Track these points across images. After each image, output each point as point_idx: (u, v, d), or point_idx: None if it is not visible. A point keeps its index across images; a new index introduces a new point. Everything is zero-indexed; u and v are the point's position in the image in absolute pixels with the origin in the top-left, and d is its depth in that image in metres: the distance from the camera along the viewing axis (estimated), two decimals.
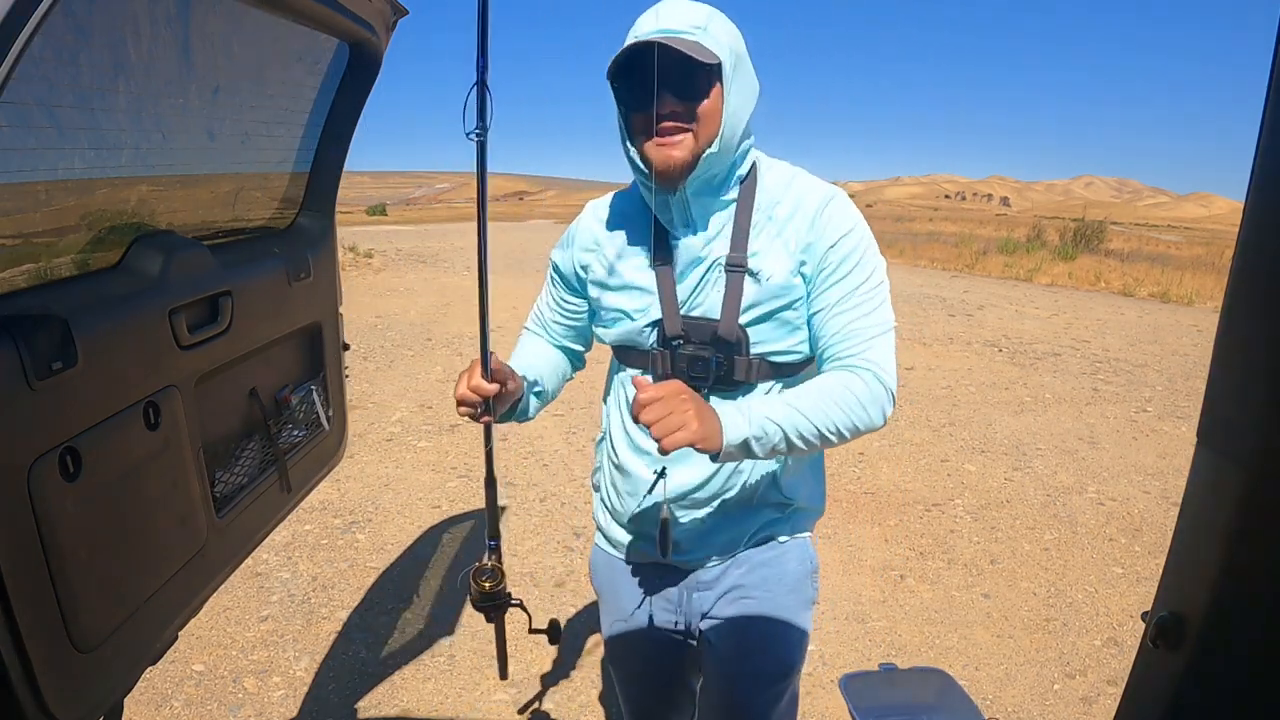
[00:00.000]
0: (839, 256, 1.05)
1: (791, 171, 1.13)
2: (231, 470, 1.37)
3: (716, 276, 1.07)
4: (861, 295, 1.06)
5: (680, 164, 1.00)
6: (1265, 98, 0.46)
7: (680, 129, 0.99)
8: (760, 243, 1.07)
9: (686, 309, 1.09)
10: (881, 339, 1.06)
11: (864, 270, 1.07)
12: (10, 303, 0.90)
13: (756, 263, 1.06)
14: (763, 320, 1.07)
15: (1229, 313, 0.50)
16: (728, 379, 1.08)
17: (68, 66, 0.93)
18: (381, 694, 2.21)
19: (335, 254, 1.70)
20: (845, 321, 1.06)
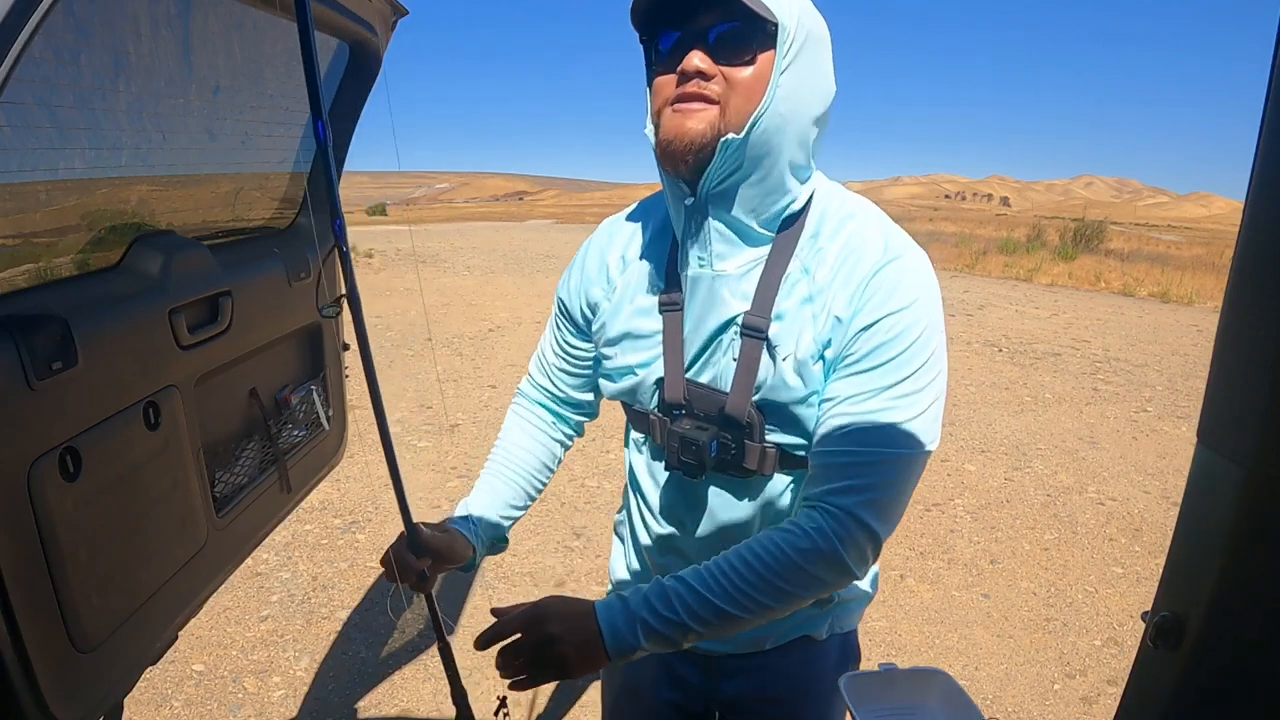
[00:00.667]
0: (875, 340, 0.78)
1: (853, 206, 0.85)
2: (231, 470, 1.37)
3: (732, 339, 0.83)
4: (887, 400, 0.77)
5: (692, 138, 0.75)
6: (1265, 98, 0.46)
7: (704, 95, 0.75)
8: (789, 305, 0.81)
9: (695, 373, 0.86)
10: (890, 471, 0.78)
11: (905, 366, 0.77)
12: (10, 303, 0.90)
13: (777, 332, 0.81)
14: (779, 409, 0.83)
15: (1229, 312, 0.50)
16: (736, 465, 0.85)
17: (68, 66, 0.93)
18: (381, 694, 2.21)
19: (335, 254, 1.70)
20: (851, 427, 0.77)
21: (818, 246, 0.82)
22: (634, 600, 0.77)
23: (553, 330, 1.03)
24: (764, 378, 0.82)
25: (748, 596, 0.76)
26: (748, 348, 0.82)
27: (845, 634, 1.02)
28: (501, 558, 3.00)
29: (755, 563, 0.77)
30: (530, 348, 5.06)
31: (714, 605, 0.76)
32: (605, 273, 0.94)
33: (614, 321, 0.91)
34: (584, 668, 0.77)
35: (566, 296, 0.99)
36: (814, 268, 0.81)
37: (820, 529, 0.77)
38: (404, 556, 0.93)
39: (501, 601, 2.68)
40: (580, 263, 0.97)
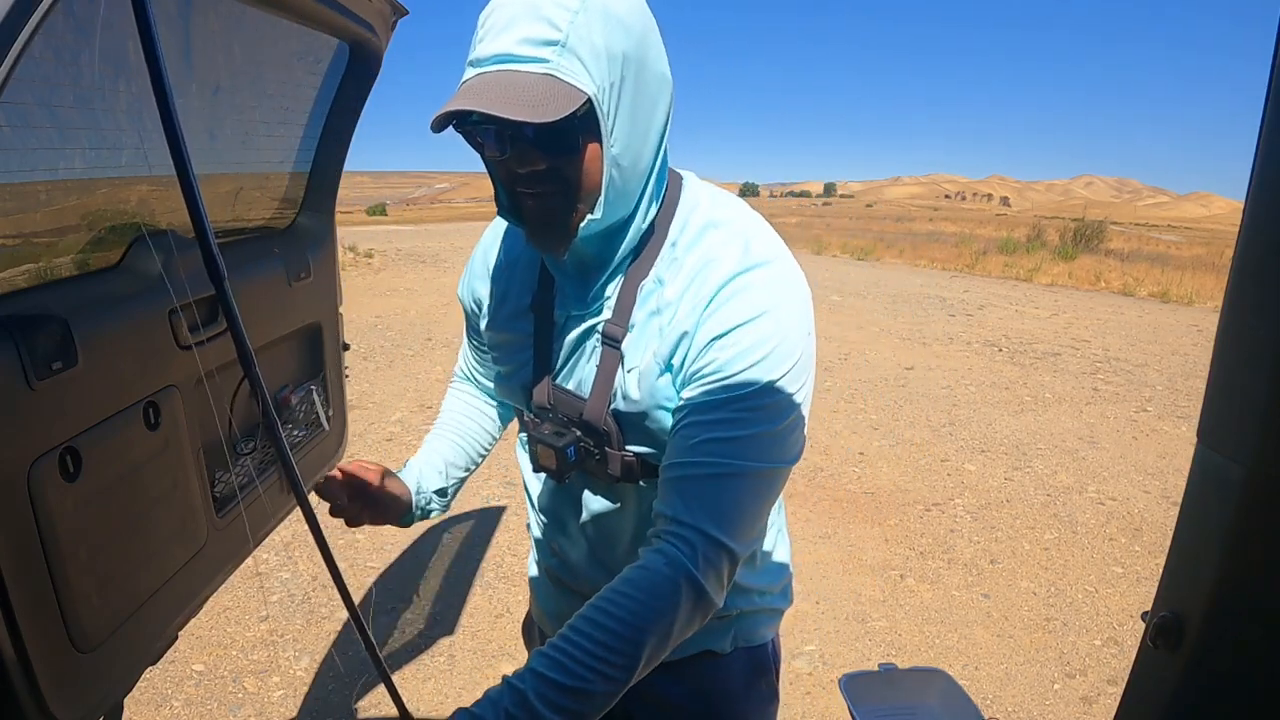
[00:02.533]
0: (726, 354, 0.73)
1: (717, 214, 0.80)
2: (231, 470, 1.37)
3: (594, 347, 0.82)
4: (736, 411, 0.72)
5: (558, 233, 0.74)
6: (1265, 97, 0.46)
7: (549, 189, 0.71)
8: (640, 315, 0.79)
9: (561, 378, 0.85)
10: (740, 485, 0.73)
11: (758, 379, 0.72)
12: (10, 303, 0.90)
13: (629, 343, 0.79)
14: (631, 418, 0.80)
15: (1229, 312, 0.50)
16: (601, 471, 0.83)
17: (68, 66, 0.93)
18: (381, 694, 2.21)
19: (335, 254, 1.70)
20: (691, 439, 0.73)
21: (674, 256, 0.79)
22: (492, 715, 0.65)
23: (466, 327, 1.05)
24: (621, 388, 0.80)
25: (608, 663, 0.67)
26: (607, 356, 0.81)
27: (752, 648, 0.96)
28: (501, 557, 3.00)
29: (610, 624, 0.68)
30: None
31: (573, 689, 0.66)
32: (488, 272, 0.94)
33: (493, 321, 0.92)
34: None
35: (463, 295, 0.99)
36: (668, 279, 0.79)
37: (671, 559, 0.71)
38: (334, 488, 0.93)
39: (501, 601, 2.68)
40: (470, 264, 0.98)
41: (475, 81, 0.67)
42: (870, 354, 6.60)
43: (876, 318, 8.39)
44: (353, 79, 1.53)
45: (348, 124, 1.59)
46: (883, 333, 7.55)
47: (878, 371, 6.00)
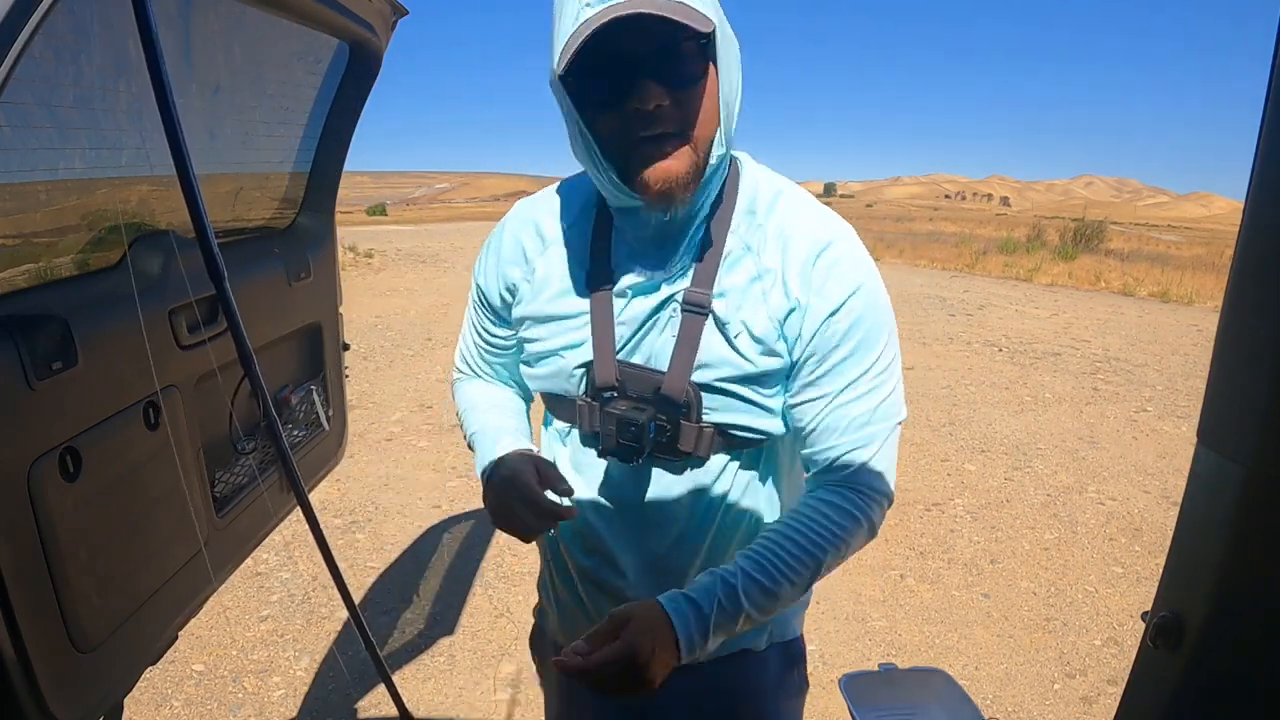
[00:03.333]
0: (842, 328, 0.79)
1: (779, 182, 0.85)
2: (231, 470, 1.37)
3: (670, 317, 0.82)
4: (869, 382, 0.81)
5: (683, 178, 0.74)
6: (1265, 97, 0.46)
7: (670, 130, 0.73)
8: (732, 280, 0.80)
9: (627, 353, 0.84)
10: (887, 443, 0.82)
11: (873, 347, 0.81)
12: (10, 303, 0.90)
13: (723, 308, 0.80)
14: (721, 386, 0.81)
15: (1229, 312, 0.50)
16: (670, 447, 0.83)
17: (68, 66, 0.93)
18: (381, 694, 2.21)
19: (335, 254, 1.70)
20: (843, 419, 0.81)
21: (756, 224, 0.82)
22: (704, 602, 0.75)
23: (472, 320, 1.00)
24: (708, 355, 0.81)
25: (798, 575, 0.78)
26: (688, 324, 0.80)
27: (786, 642, 0.99)
28: (501, 557, 3.00)
29: (804, 541, 0.79)
30: None
31: (771, 591, 0.77)
32: (523, 254, 0.90)
33: (536, 303, 0.88)
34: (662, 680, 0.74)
35: (484, 283, 0.94)
36: (757, 246, 0.81)
37: (852, 502, 0.81)
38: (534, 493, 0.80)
39: (501, 601, 2.68)
40: (495, 246, 0.93)
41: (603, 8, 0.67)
42: None
43: None
44: (353, 79, 1.53)
45: (348, 124, 1.59)
46: None
47: None
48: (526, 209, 0.93)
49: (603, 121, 0.74)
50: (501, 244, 0.92)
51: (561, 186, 0.93)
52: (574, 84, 0.72)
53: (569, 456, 0.92)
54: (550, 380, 0.89)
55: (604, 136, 0.75)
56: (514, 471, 0.83)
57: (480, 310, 0.97)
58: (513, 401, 1.02)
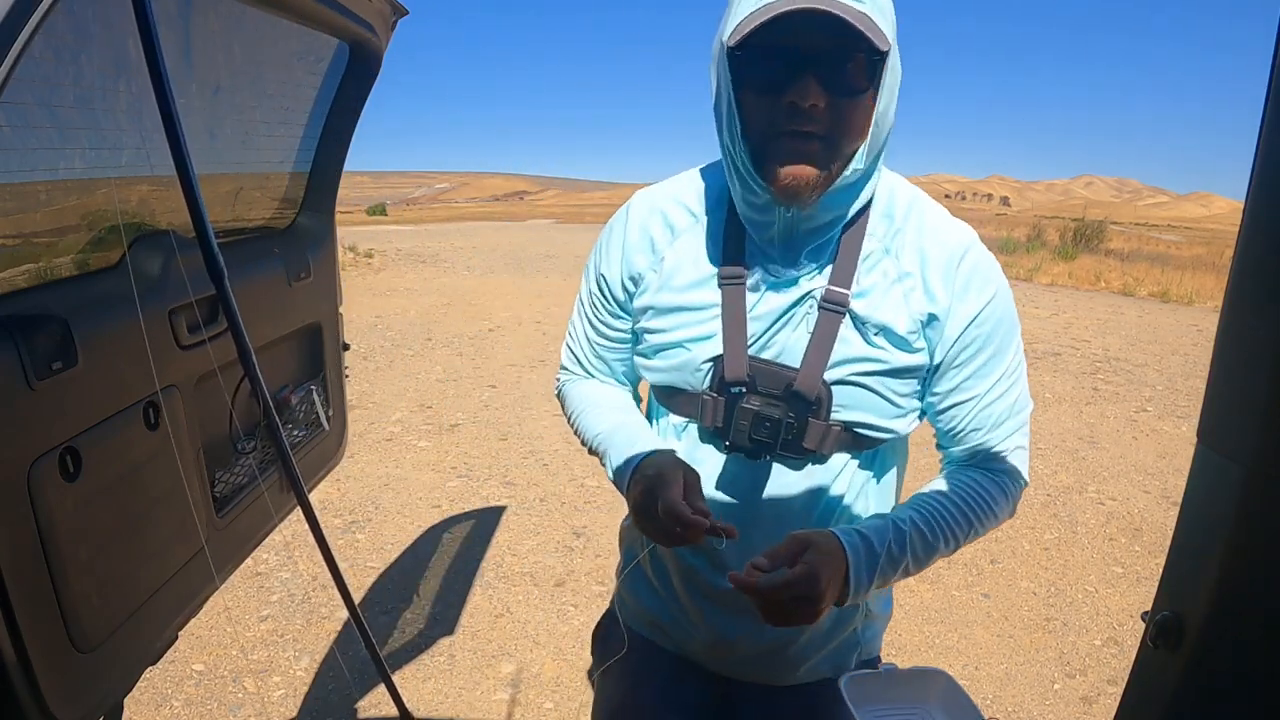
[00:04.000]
0: (985, 333, 0.83)
1: (911, 190, 0.87)
2: (231, 470, 1.37)
3: (806, 313, 0.82)
4: (1009, 380, 0.86)
5: (813, 181, 0.75)
6: (1265, 97, 0.46)
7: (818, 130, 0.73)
8: (871, 281, 0.82)
9: (758, 348, 0.84)
10: (1023, 432, 0.89)
11: (1010, 346, 0.85)
12: (10, 303, 0.90)
13: (863, 307, 0.81)
14: (856, 384, 0.82)
15: (1229, 312, 0.50)
16: (795, 445, 0.84)
17: (68, 66, 0.93)
18: (381, 694, 2.21)
19: (335, 254, 1.70)
20: (989, 416, 0.86)
21: (896, 228, 0.84)
22: (878, 542, 0.79)
23: (586, 314, 0.97)
24: (845, 352, 0.81)
25: (953, 535, 0.84)
26: (825, 321, 0.81)
27: (868, 660, 1.00)
28: (501, 557, 3.00)
29: (964, 505, 0.85)
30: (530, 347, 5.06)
31: (930, 545, 0.82)
32: (650, 243, 0.89)
33: (663, 294, 0.87)
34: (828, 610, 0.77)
35: (607, 271, 0.92)
36: (896, 249, 0.83)
37: (1001, 482, 0.88)
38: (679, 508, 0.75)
39: (501, 601, 2.68)
40: (620, 235, 0.91)
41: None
42: None
43: None
44: (353, 79, 1.53)
45: (348, 124, 1.59)
46: None
47: None
48: (653, 199, 0.91)
49: (755, 104, 0.75)
50: (627, 232, 0.91)
51: (692, 177, 0.92)
52: (740, 60, 0.73)
53: (684, 451, 0.90)
54: (672, 373, 0.88)
55: (751, 119, 0.75)
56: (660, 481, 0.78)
57: (599, 301, 0.94)
58: (631, 402, 0.99)
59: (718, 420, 0.85)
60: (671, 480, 0.78)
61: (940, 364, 0.84)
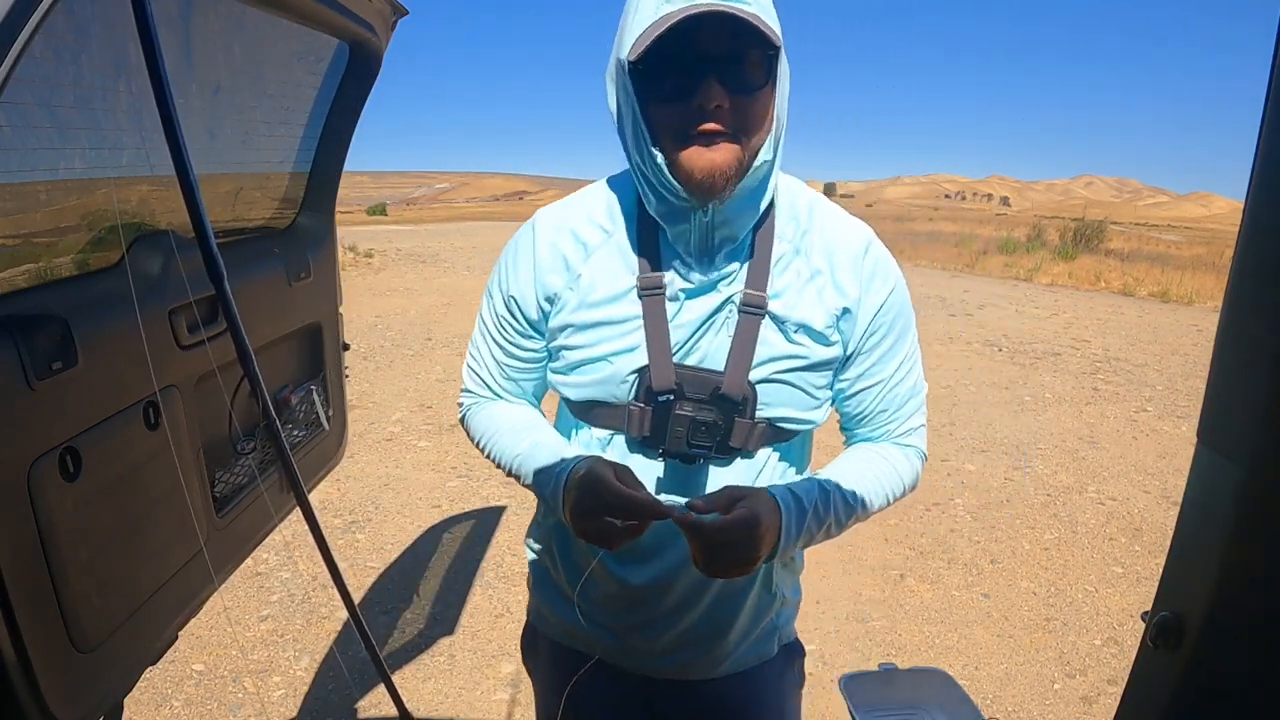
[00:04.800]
0: (889, 320, 0.89)
1: (808, 192, 0.92)
2: (231, 470, 1.37)
3: (726, 318, 0.85)
4: (909, 363, 0.92)
5: (726, 171, 0.77)
6: (1265, 97, 0.46)
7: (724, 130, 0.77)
8: (785, 281, 0.85)
9: (682, 355, 0.85)
10: (923, 407, 0.96)
11: (910, 333, 0.92)
12: (10, 303, 0.90)
13: (780, 307, 0.85)
14: (779, 381, 0.85)
15: (1229, 312, 0.50)
16: (722, 445, 0.86)
17: (68, 66, 0.93)
18: (381, 694, 2.21)
19: (335, 254, 1.70)
20: (895, 398, 0.92)
21: (802, 229, 0.88)
22: (805, 498, 0.84)
23: (492, 336, 0.96)
24: (767, 352, 0.85)
25: (870, 499, 0.89)
26: (745, 324, 0.84)
27: (788, 644, 1.03)
28: (501, 557, 3.00)
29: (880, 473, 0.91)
30: None
31: (851, 506, 0.87)
32: (564, 262, 0.88)
33: (581, 311, 0.87)
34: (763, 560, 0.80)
35: (517, 292, 0.91)
36: (805, 249, 0.87)
37: (907, 455, 0.95)
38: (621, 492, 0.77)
39: (501, 601, 2.68)
40: (529, 256, 0.90)
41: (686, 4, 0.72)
42: None
43: None
44: (353, 79, 1.53)
45: (348, 124, 1.59)
46: None
47: None
48: (561, 217, 0.91)
49: (662, 113, 0.78)
50: (537, 253, 0.90)
51: (598, 192, 0.93)
52: (642, 74, 0.77)
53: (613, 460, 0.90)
54: (596, 387, 0.88)
55: (660, 127, 0.78)
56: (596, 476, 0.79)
57: (508, 323, 0.93)
58: (545, 421, 0.99)
59: (645, 429, 0.86)
60: (607, 475, 0.79)
61: (851, 353, 0.89)
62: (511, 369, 0.97)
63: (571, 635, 1.00)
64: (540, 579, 1.04)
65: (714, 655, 0.95)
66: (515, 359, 0.96)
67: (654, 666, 0.96)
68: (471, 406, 1.01)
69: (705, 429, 0.84)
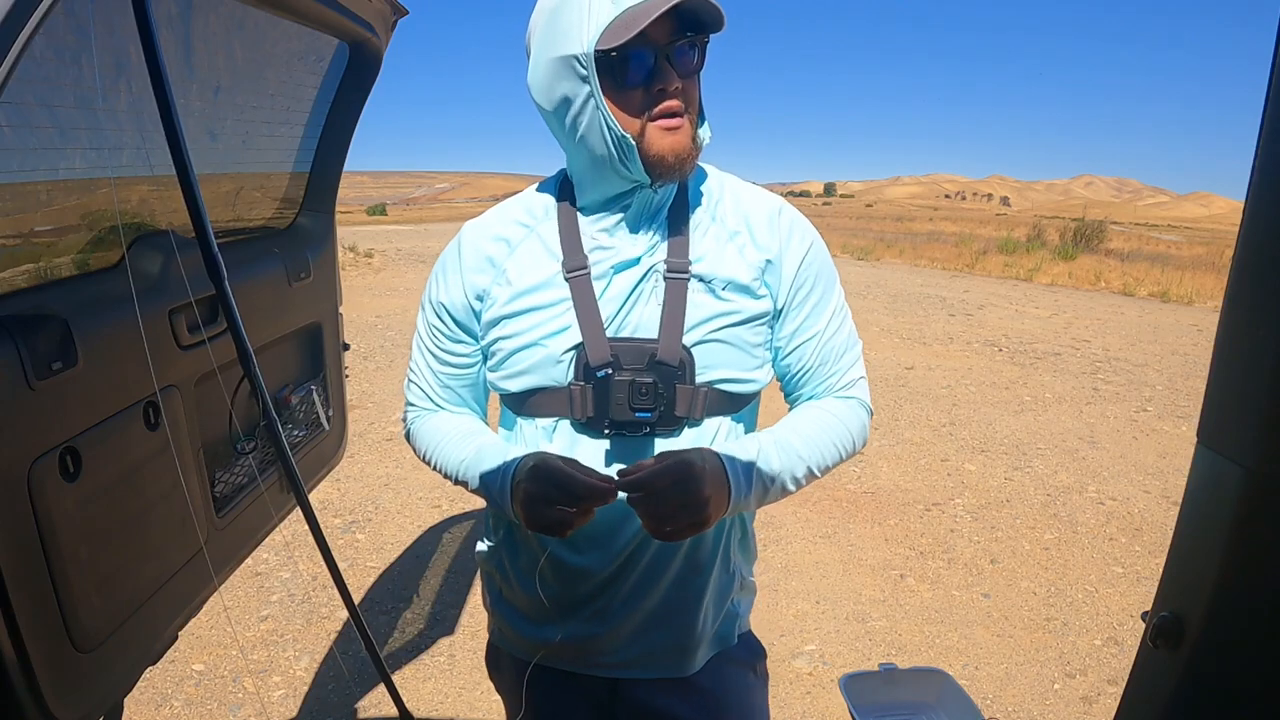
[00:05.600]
0: (812, 275, 0.92)
1: (714, 169, 0.97)
2: (231, 470, 1.37)
3: (653, 287, 0.87)
4: (840, 315, 0.95)
5: (691, 151, 0.84)
6: (1265, 97, 0.46)
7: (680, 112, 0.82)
8: (706, 245, 0.89)
9: (615, 329, 0.87)
10: (860, 360, 0.97)
11: (835, 287, 0.95)
12: (10, 303, 0.90)
13: (705, 268, 0.87)
14: (714, 340, 0.87)
15: (1229, 312, 0.50)
16: (668, 415, 0.87)
17: (68, 66, 0.93)
18: (381, 694, 2.21)
19: (335, 254, 1.70)
20: (831, 350, 0.94)
21: (715, 199, 0.93)
22: (750, 449, 0.85)
23: (427, 346, 0.98)
24: (698, 313, 0.87)
25: (825, 459, 0.90)
26: (673, 289, 0.86)
27: (745, 633, 1.03)
28: None
29: (833, 431, 0.91)
30: None
31: (803, 459, 0.88)
32: (488, 261, 0.92)
33: (511, 302, 0.89)
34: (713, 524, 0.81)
35: (446, 299, 0.94)
36: (720, 215, 0.92)
37: (854, 409, 0.95)
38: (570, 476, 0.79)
39: None
40: (455, 263, 0.94)
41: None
42: (870, 354, 6.59)
43: (877, 317, 8.39)
44: (353, 79, 1.53)
45: (348, 124, 1.59)
46: (883, 332, 7.54)
47: (878, 371, 5.99)
48: (482, 224, 0.95)
49: (624, 98, 0.81)
50: (462, 259, 0.93)
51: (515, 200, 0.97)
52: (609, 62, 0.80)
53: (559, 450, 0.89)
54: (534, 373, 0.88)
55: (623, 113, 0.82)
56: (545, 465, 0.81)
57: (438, 332, 0.96)
58: (485, 426, 1.00)
59: (589, 409, 0.87)
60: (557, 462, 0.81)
61: (782, 308, 0.92)
62: (447, 376, 0.98)
63: (534, 650, 0.98)
64: (496, 598, 1.03)
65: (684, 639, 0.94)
66: (450, 365, 0.97)
67: (621, 661, 0.95)
68: (414, 420, 1.01)
69: (645, 391, 0.84)
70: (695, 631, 0.94)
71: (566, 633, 0.94)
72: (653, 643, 0.93)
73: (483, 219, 0.96)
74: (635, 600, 0.91)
